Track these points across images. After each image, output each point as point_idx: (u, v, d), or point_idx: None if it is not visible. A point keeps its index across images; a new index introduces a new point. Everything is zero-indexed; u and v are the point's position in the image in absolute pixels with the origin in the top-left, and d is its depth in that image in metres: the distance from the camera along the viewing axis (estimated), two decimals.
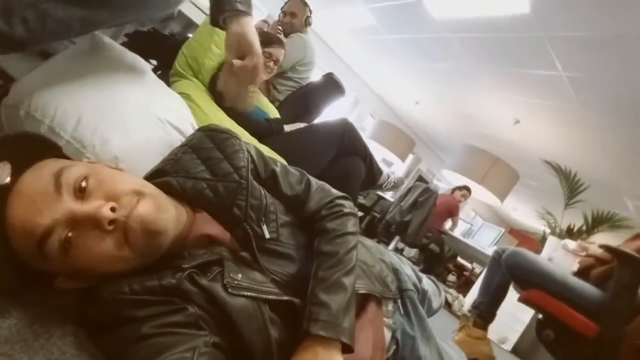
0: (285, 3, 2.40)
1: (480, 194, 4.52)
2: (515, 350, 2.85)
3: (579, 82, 3.09)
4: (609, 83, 2.91)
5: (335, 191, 0.83)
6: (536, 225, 6.68)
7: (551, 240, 3.50)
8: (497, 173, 4.48)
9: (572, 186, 4.00)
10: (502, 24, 2.89)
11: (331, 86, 2.13)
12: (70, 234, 0.49)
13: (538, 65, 3.15)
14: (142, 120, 0.87)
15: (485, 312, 1.80)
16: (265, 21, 2.67)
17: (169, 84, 1.55)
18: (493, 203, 4.80)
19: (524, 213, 7.84)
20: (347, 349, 0.60)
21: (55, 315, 0.53)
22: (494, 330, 1.99)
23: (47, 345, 0.47)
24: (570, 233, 3.65)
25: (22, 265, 0.50)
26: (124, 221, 0.51)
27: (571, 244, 2.10)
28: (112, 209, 0.51)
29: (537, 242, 4.42)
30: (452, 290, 3.49)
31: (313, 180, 0.82)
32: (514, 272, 1.66)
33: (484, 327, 1.77)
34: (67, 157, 0.61)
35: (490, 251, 3.89)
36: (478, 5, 2.88)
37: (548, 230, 4.01)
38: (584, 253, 1.76)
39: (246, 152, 0.74)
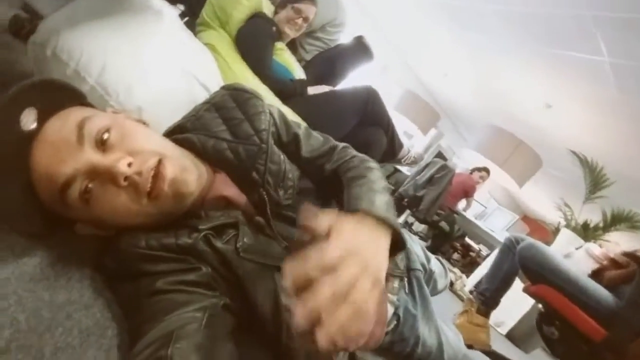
0: None
1: (499, 176, 4.42)
2: (510, 335, 2.89)
3: (622, 69, 2.89)
4: None
5: (357, 152, 0.79)
6: (551, 215, 6.57)
7: (564, 233, 3.44)
8: (520, 158, 4.36)
9: (596, 180, 3.87)
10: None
11: (360, 50, 2.05)
12: (90, 185, 0.50)
13: (580, 47, 2.95)
14: (169, 73, 0.86)
15: (489, 299, 1.78)
16: None
17: (194, 32, 1.52)
18: (510, 188, 4.72)
19: (540, 201, 7.70)
20: (394, 246, 0.50)
21: (75, 259, 0.54)
22: (493, 312, 1.99)
23: (67, 286, 0.49)
24: (585, 228, 3.58)
25: (46, 209, 0.52)
26: (139, 179, 0.52)
27: (596, 249, 2.02)
28: (129, 165, 0.51)
29: (549, 233, 4.36)
30: (455, 269, 3.52)
31: (338, 143, 0.80)
32: (527, 265, 1.63)
33: (486, 314, 1.77)
34: (92, 106, 0.60)
35: (500, 236, 3.86)
36: None
37: (563, 223, 3.94)
38: (605, 262, 1.70)
39: (268, 115, 0.72)
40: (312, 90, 1.68)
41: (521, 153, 4.35)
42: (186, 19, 1.66)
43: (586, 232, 3.62)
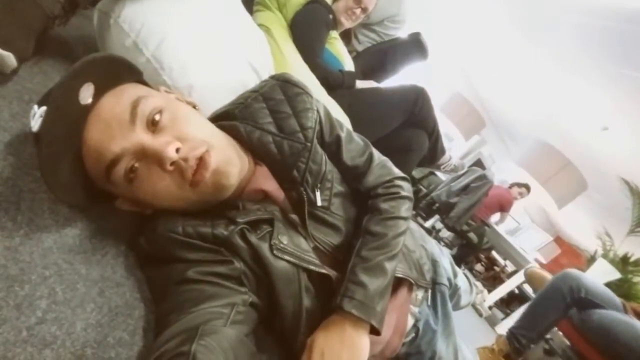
0: None
1: (539, 195, 4.23)
2: None
3: None
4: None
5: (396, 170, 0.81)
6: (587, 242, 6.24)
7: (600, 263, 3.26)
8: (564, 178, 4.14)
9: None
10: (629, 14, 2.46)
11: (416, 47, 1.97)
12: (136, 165, 0.51)
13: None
14: (224, 54, 0.85)
15: (524, 346, 1.56)
16: None
17: (251, 11, 1.51)
18: (549, 208, 4.50)
19: (578, 226, 7.31)
20: (374, 332, 0.61)
21: (113, 235, 0.55)
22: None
23: (103, 262, 0.50)
24: (625, 262, 3.38)
25: (91, 182, 0.53)
26: (185, 165, 0.52)
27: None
28: (177, 150, 0.51)
29: (583, 260, 4.15)
30: (478, 283, 3.43)
31: (376, 153, 0.80)
32: (594, 334, 1.41)
33: (515, 359, 1.60)
34: (146, 84, 0.61)
35: (530, 256, 3.71)
36: None
37: (600, 252, 3.74)
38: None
39: (316, 112, 0.71)
40: (359, 84, 1.64)
41: (567, 173, 4.13)
42: None
43: (625, 265, 3.42)
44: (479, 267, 4.91)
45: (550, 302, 1.55)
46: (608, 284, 2.49)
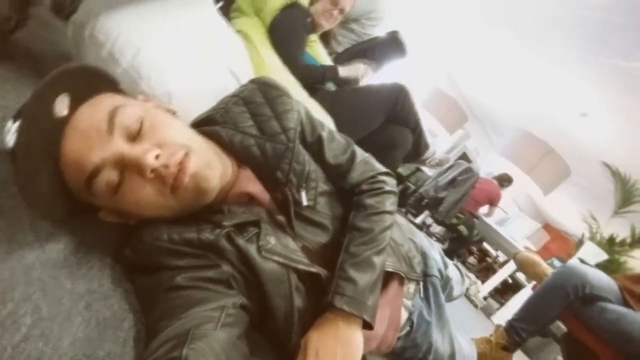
0: None
1: (525, 183, 4.30)
2: (524, 347, 2.83)
3: None
4: None
5: (378, 165, 0.81)
6: (575, 226, 6.36)
7: (588, 246, 3.34)
8: (548, 166, 4.22)
9: (627, 194, 3.73)
10: (608, 4, 2.52)
11: (394, 45, 2.00)
12: (117, 175, 0.50)
13: (630, 56, 2.79)
14: (202, 61, 0.85)
15: (523, 340, 1.52)
16: None
17: (229, 17, 1.51)
18: (535, 195, 4.58)
19: (565, 211, 7.45)
20: (366, 326, 0.61)
21: (97, 247, 0.55)
22: (504, 317, 1.86)
23: (88, 275, 0.50)
24: (611, 243, 3.46)
25: (71, 195, 0.52)
26: (165, 171, 0.51)
27: None
28: (157, 157, 0.50)
29: (571, 244, 4.23)
30: (470, 274, 3.47)
31: (358, 151, 0.80)
32: (602, 329, 1.37)
33: (512, 351, 1.55)
34: (124, 93, 0.60)
35: (520, 244, 3.77)
36: None
37: (587, 235, 3.82)
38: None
39: (296, 113, 0.71)
40: (343, 70, 1.65)
41: (550, 161, 4.22)
42: (220, 4, 1.64)
43: (611, 246, 3.50)
44: (471, 259, 4.97)
45: (552, 298, 1.49)
46: (597, 265, 2.54)
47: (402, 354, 0.90)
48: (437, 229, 4.52)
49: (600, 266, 2.88)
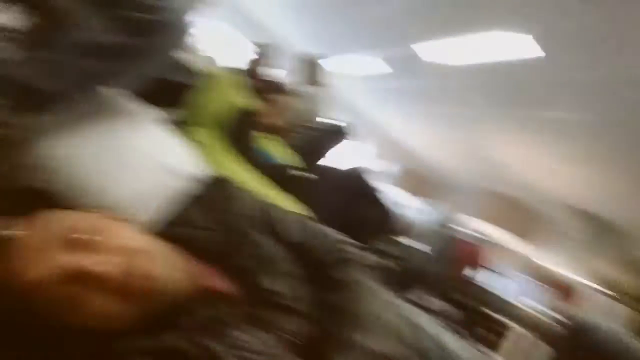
0: None
1: (506, 241, 4.33)
2: None
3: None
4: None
5: (339, 236, 0.81)
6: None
7: None
8: (520, 217, 4.30)
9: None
10: (516, 68, 2.86)
11: (332, 132, 2.13)
12: (64, 288, 0.48)
13: (551, 107, 3.11)
14: (143, 167, 0.86)
15: None
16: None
17: (182, 131, 1.57)
18: (518, 249, 4.59)
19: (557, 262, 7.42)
20: None
21: None
22: None
23: None
24: None
25: None
26: (115, 278, 0.50)
27: None
28: (100, 264, 0.49)
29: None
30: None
31: (318, 227, 0.80)
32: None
33: None
34: (64, 207, 0.60)
35: (515, 300, 3.62)
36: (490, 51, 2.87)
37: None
38: None
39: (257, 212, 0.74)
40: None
41: (521, 213, 4.31)
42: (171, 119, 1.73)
43: None
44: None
45: None
46: None
47: None
48: (435, 303, 4.27)
49: None
